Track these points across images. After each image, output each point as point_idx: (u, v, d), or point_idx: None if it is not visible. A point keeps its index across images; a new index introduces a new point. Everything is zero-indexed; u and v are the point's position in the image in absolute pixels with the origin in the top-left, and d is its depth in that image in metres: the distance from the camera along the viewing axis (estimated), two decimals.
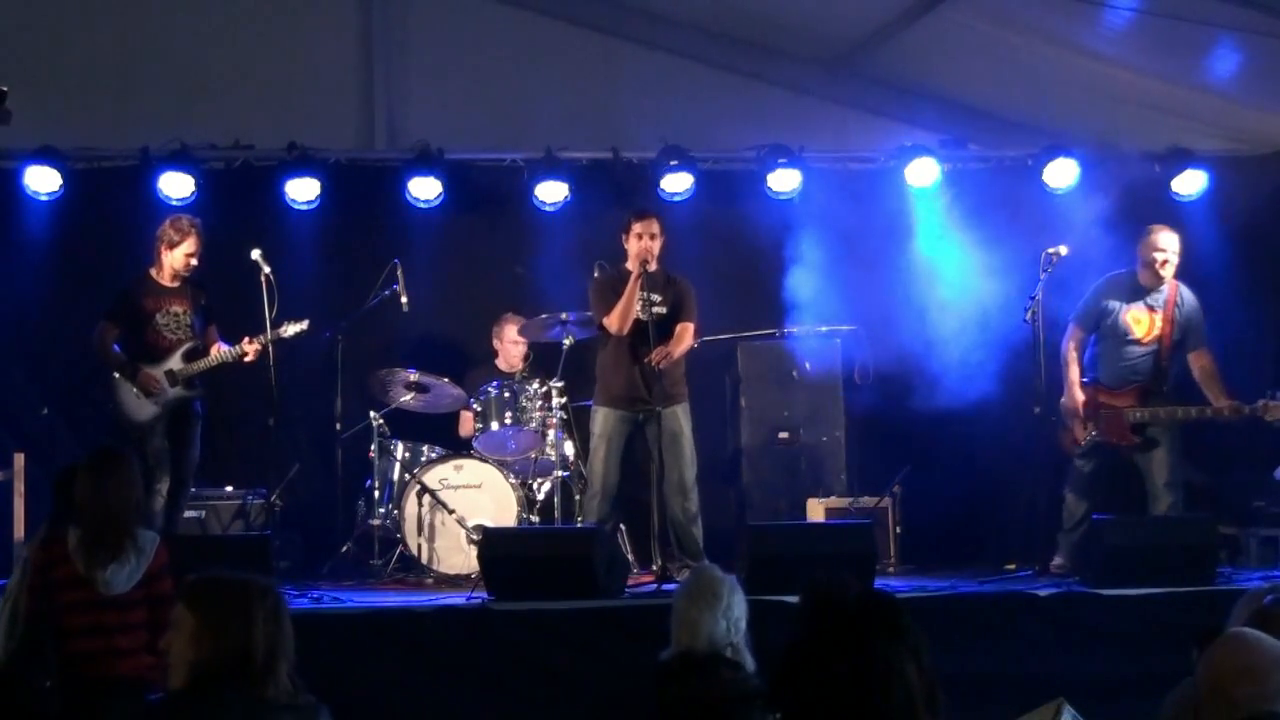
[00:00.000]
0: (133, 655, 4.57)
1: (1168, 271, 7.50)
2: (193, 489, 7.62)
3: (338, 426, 8.13)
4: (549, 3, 9.52)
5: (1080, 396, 7.57)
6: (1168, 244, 7.50)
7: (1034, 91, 9.21)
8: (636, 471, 7.58)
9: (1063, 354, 7.62)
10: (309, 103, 9.21)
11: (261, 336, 7.31)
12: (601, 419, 7.31)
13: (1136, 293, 7.59)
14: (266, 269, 7.31)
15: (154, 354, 7.36)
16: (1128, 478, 7.69)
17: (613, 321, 7.25)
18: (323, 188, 8.50)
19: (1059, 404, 7.66)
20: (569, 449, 8.03)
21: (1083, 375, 7.63)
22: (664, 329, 7.25)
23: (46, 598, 4.49)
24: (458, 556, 7.55)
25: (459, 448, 8.15)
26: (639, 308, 7.13)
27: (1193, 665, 3.60)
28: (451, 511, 7.61)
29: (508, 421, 7.86)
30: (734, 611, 4.12)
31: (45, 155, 8.23)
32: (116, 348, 7.39)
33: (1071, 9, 8.07)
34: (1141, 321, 7.53)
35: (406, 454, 8.00)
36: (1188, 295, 7.56)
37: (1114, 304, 7.61)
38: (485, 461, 7.78)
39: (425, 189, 8.59)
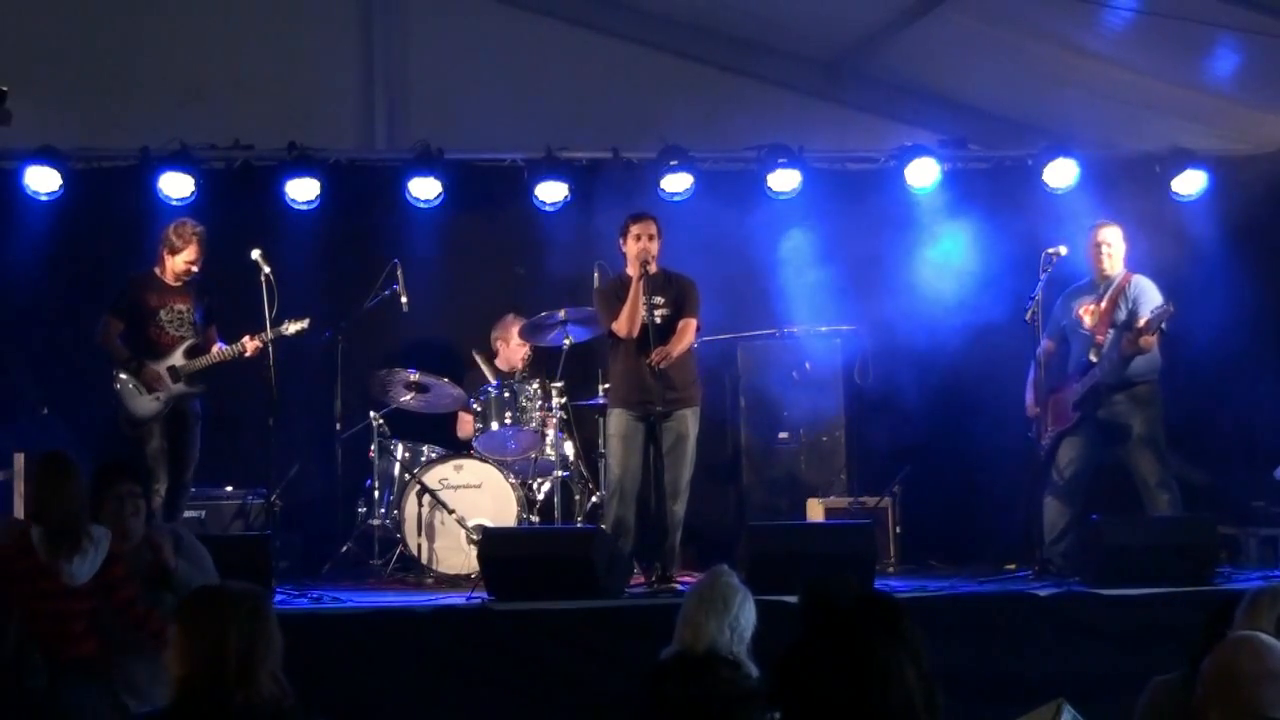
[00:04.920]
0: (87, 638, 4.90)
1: (1109, 264, 7.55)
2: (192, 489, 7.62)
3: (338, 426, 8.13)
4: (549, 3, 9.52)
5: (1030, 399, 7.62)
6: (1105, 237, 7.57)
7: (1034, 91, 9.22)
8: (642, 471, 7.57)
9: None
10: (309, 103, 9.21)
11: (262, 334, 7.31)
12: (615, 420, 7.31)
13: (1092, 289, 7.65)
14: (266, 269, 7.31)
15: (156, 350, 7.37)
16: (1116, 482, 7.68)
17: (621, 327, 7.24)
18: (323, 188, 8.50)
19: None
20: (569, 449, 8.03)
21: (1061, 381, 7.64)
22: (668, 329, 7.25)
23: (9, 587, 4.83)
24: (458, 556, 7.55)
25: (458, 448, 8.15)
26: (644, 311, 7.11)
27: (1186, 663, 3.61)
28: (451, 511, 7.61)
29: (508, 421, 7.86)
30: (740, 623, 4.12)
31: (45, 155, 8.23)
32: (120, 342, 7.39)
33: (1071, 9, 8.07)
34: (1092, 312, 7.56)
35: (406, 454, 8.00)
36: (1140, 282, 7.51)
37: (1073, 305, 7.67)
38: (485, 461, 7.78)
39: (425, 189, 8.59)
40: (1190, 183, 8.80)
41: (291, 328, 7.38)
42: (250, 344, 7.32)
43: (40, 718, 4.63)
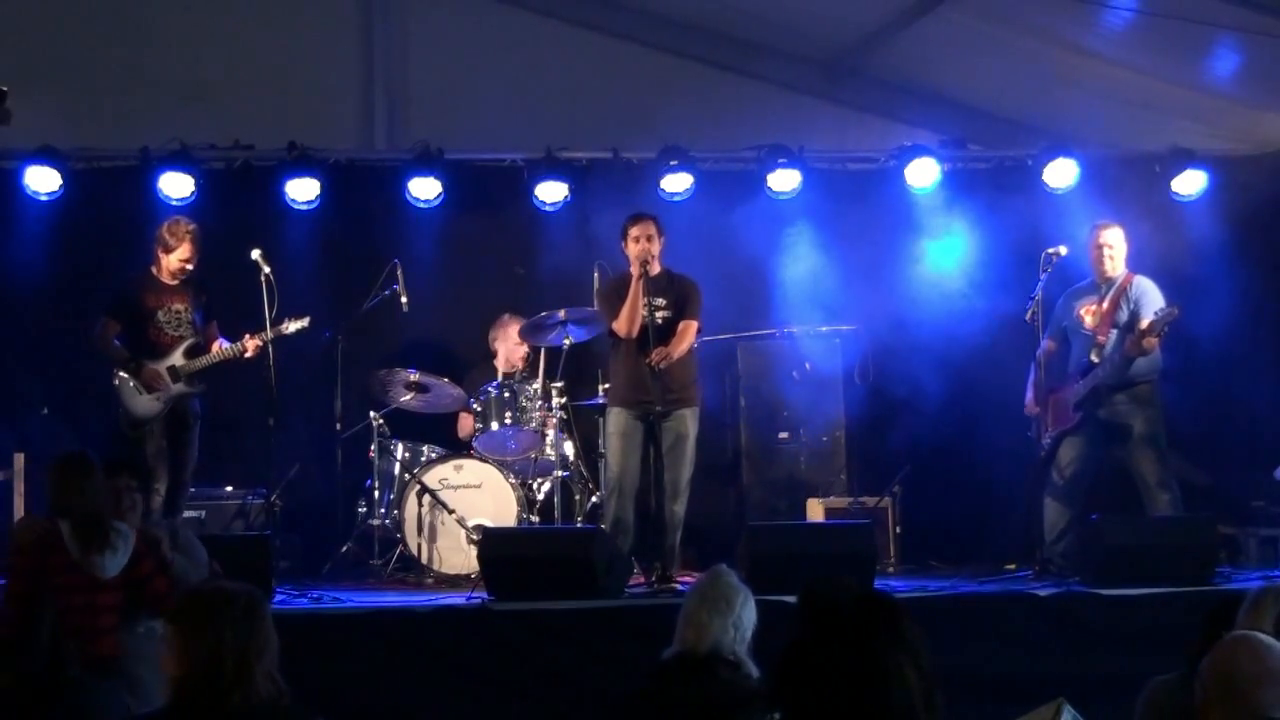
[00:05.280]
0: (111, 634, 4.95)
1: (1111, 266, 7.55)
2: (192, 489, 7.61)
3: (338, 426, 8.13)
4: (549, 3, 9.52)
5: (1031, 399, 7.64)
6: (1107, 239, 7.57)
7: (1034, 91, 9.22)
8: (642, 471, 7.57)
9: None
10: (309, 103, 9.21)
11: (263, 333, 7.31)
12: (614, 419, 7.33)
13: (1093, 290, 7.65)
14: (266, 269, 7.30)
15: (155, 350, 7.36)
16: (1117, 482, 7.69)
17: (621, 326, 7.27)
18: (323, 188, 8.50)
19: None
20: (569, 449, 8.03)
21: (1062, 381, 7.65)
22: (669, 330, 7.26)
23: (40, 580, 4.90)
24: (458, 556, 7.55)
25: (458, 448, 8.15)
26: (644, 311, 7.12)
27: (1184, 663, 3.61)
28: (451, 511, 7.61)
29: (508, 421, 7.86)
30: (743, 622, 4.15)
31: (45, 155, 8.23)
32: (118, 343, 7.39)
33: (1071, 9, 8.07)
34: (1094, 312, 7.57)
35: (406, 454, 8.00)
36: (1142, 282, 7.52)
37: (1074, 305, 7.68)
38: (485, 461, 7.78)
39: (425, 189, 8.59)
40: (1190, 183, 8.80)
41: (291, 326, 7.38)
42: (250, 343, 7.31)
43: (73, 710, 4.67)
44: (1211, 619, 3.81)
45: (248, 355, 7.34)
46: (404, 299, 8.03)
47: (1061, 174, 8.73)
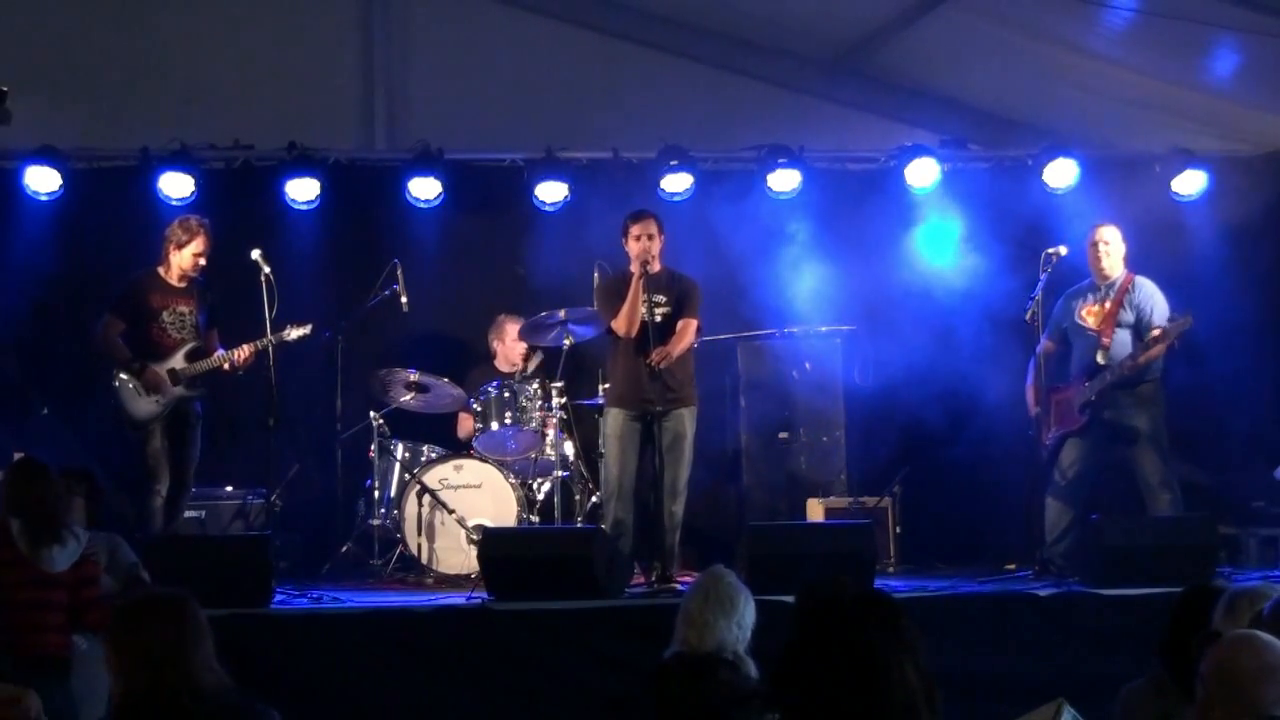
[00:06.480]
0: (58, 631, 4.98)
1: (1108, 262, 7.56)
2: (193, 489, 7.61)
3: (338, 426, 8.13)
4: (549, 3, 9.52)
5: (1031, 399, 7.64)
6: (1104, 235, 7.59)
7: (1034, 91, 9.22)
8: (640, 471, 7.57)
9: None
10: (309, 103, 9.21)
11: (260, 340, 7.30)
12: (612, 420, 7.33)
13: (1093, 290, 7.66)
14: (266, 269, 7.30)
15: (157, 352, 7.35)
16: (1117, 482, 7.68)
17: (620, 325, 7.27)
18: (323, 188, 8.50)
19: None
20: (569, 449, 8.02)
21: (1062, 381, 7.65)
22: (668, 329, 7.25)
23: None
24: (458, 556, 7.55)
25: (458, 448, 8.15)
26: (643, 309, 7.12)
27: (1157, 663, 3.61)
28: (451, 511, 7.61)
29: (507, 421, 7.86)
30: (747, 620, 4.17)
31: (45, 155, 8.22)
32: (120, 342, 7.38)
33: (1071, 9, 8.07)
34: (1095, 313, 7.58)
35: (406, 454, 8.00)
36: (1145, 284, 7.54)
37: (1074, 305, 7.69)
38: (485, 461, 7.78)
39: (425, 189, 8.59)
40: (1190, 183, 8.79)
41: (294, 333, 7.38)
42: (240, 353, 7.30)
43: None
44: (1181, 617, 3.78)
45: (238, 363, 7.31)
46: (404, 299, 8.03)
47: (1061, 174, 8.73)
